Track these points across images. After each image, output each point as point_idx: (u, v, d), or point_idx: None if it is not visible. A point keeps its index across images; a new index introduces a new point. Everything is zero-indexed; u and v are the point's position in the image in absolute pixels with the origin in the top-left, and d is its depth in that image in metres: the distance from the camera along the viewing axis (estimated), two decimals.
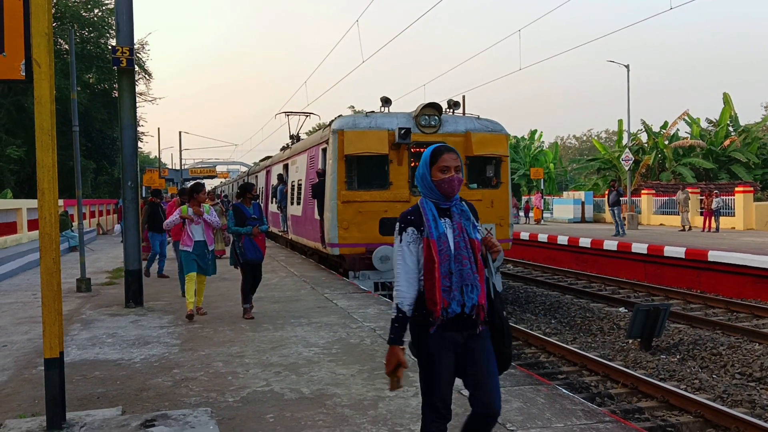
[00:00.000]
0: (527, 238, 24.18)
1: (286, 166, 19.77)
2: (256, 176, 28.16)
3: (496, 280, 13.80)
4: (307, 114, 22.30)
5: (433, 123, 13.20)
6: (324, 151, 14.04)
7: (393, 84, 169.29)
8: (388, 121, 13.11)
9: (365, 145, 12.85)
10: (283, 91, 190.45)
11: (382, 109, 13.81)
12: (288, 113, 23.00)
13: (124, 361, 6.96)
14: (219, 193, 42.01)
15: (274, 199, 21.43)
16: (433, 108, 13.21)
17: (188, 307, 9.04)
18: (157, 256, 14.08)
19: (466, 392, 3.45)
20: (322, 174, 13.95)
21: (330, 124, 13.85)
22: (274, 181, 21.91)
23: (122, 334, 8.33)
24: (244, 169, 63.05)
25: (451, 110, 14.09)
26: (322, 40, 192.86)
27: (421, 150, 12.29)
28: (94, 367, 6.68)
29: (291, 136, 21.46)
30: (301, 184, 17.03)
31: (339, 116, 13.81)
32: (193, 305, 9.11)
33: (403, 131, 12.71)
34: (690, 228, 25.22)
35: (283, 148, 21.94)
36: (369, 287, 12.32)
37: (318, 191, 13.85)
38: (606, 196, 24.85)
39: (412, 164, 12.98)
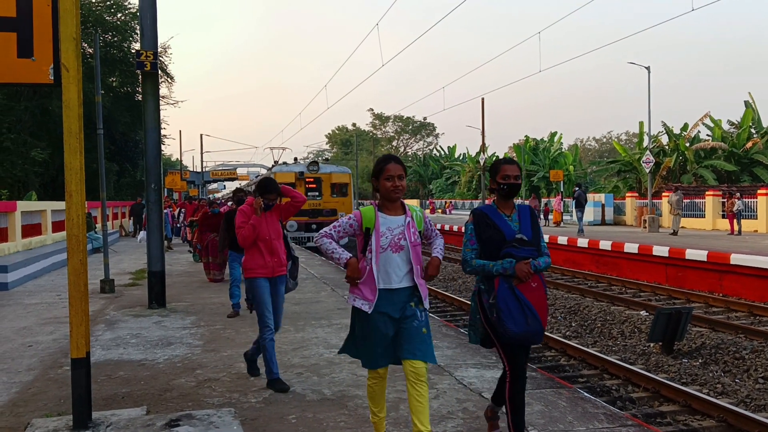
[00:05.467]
0: (547, 241, 24.08)
1: None
2: (251, 188, 42.76)
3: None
4: (283, 148, 35.26)
5: (315, 169, 26.61)
6: None
7: (412, 87, 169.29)
8: (296, 168, 26.99)
9: (285, 179, 24.48)
10: (303, 94, 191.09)
11: (294, 161, 30.64)
12: (272, 148, 38.00)
13: (147, 361, 7.04)
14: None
15: None
16: (315, 163, 27.29)
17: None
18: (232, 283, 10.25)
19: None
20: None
21: (271, 168, 29.57)
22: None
23: (146, 334, 8.43)
24: (263, 171, 63.86)
25: (325, 161, 32.14)
26: (342, 44, 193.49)
27: (309, 180, 26.45)
28: (119, 368, 6.77)
29: (274, 162, 32.66)
30: None
31: (273, 165, 30.50)
32: None
33: (299, 173, 26.42)
34: (676, 233, 24.60)
35: (270, 167, 34.03)
36: None
37: None
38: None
39: (307, 186, 26.08)
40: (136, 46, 32.00)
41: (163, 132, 44.23)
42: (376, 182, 4.19)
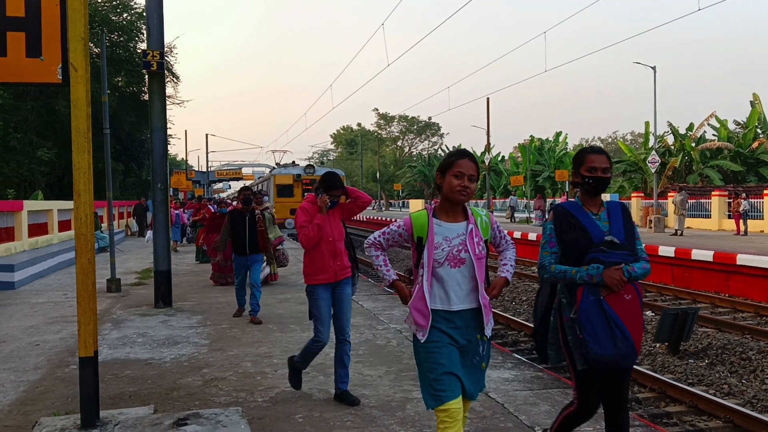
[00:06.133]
0: None
1: (263, 185, 35.60)
2: (256, 187, 49.51)
3: None
4: (284, 151, 38.17)
5: (311, 172, 29.41)
6: (269, 181, 31.09)
7: (417, 87, 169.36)
8: (294, 171, 30.00)
9: (283, 180, 29.54)
10: (307, 94, 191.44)
11: (292, 164, 32.54)
12: (274, 151, 48.17)
13: (154, 360, 7.06)
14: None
15: None
16: (311, 166, 30.14)
17: None
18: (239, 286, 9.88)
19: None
20: (266, 193, 28.16)
21: (272, 171, 32.46)
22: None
23: (152, 333, 8.45)
24: (268, 171, 64.22)
25: (321, 165, 36.64)
26: (347, 44, 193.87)
27: (306, 182, 29.22)
28: (126, 367, 6.79)
29: (276, 164, 35.40)
30: (268, 195, 33.15)
31: (275, 167, 33.03)
32: None
33: (297, 175, 29.60)
34: (681, 233, 24.50)
35: (270, 170, 37.40)
36: None
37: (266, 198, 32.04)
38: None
39: (303, 188, 28.90)
40: (142, 45, 32.08)
41: (168, 131, 44.34)
42: (440, 178, 3.41)
